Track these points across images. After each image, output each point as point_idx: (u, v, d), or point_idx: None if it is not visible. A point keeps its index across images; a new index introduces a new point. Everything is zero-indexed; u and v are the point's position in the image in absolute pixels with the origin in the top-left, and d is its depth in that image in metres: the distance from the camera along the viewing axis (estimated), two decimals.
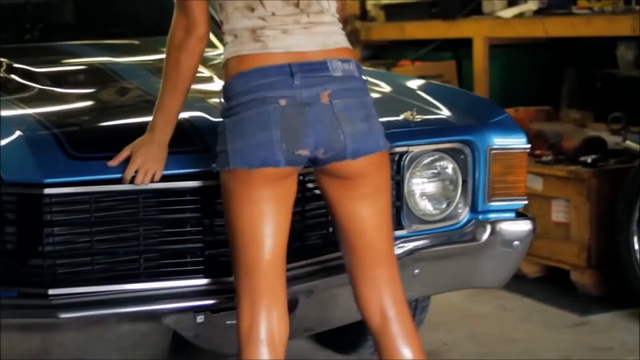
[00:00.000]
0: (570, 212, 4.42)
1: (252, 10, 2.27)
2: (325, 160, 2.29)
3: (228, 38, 2.31)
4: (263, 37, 2.26)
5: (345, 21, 7.56)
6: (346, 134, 2.26)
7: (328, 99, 2.25)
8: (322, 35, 2.30)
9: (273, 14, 2.27)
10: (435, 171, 2.90)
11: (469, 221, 2.93)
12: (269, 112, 2.22)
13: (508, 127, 2.94)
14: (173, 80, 2.38)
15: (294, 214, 2.46)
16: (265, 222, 2.29)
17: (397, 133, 2.73)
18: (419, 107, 2.94)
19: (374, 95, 2.35)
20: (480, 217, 2.94)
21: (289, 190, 2.33)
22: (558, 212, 4.45)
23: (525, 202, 2.98)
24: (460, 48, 5.90)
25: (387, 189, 2.41)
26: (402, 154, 2.82)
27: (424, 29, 5.98)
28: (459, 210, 2.93)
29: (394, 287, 2.43)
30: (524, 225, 2.96)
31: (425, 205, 2.89)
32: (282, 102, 2.23)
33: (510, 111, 3.52)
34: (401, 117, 2.85)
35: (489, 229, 2.92)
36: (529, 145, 2.97)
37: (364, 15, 6.58)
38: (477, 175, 2.91)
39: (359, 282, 2.43)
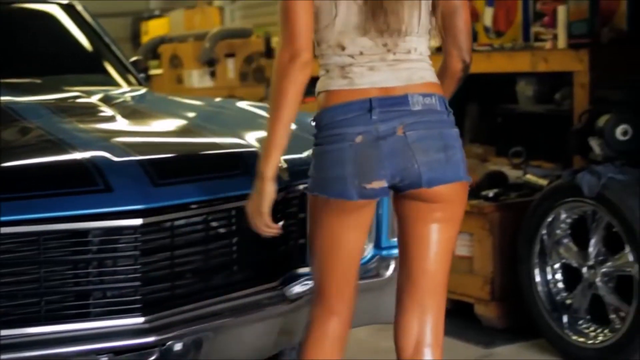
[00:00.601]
0: (473, 245, 4.48)
1: (343, 48, 2.38)
2: (403, 188, 2.37)
3: (321, 72, 2.44)
4: (350, 74, 2.37)
5: (250, 59, 7.61)
6: (420, 163, 2.34)
7: (402, 131, 2.34)
8: (407, 71, 2.39)
9: (361, 53, 2.38)
10: None
11: (372, 257, 2.96)
12: (344, 150, 2.34)
13: None
14: (277, 109, 2.38)
15: (199, 253, 2.42)
16: (341, 240, 2.44)
17: (302, 171, 2.74)
18: None
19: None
20: (384, 253, 2.97)
21: (365, 218, 2.44)
22: (461, 246, 4.50)
23: None
24: None
25: (459, 222, 2.48)
26: (305, 192, 2.82)
27: None
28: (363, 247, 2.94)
29: (438, 320, 2.50)
30: None
31: None
32: (358, 139, 2.33)
33: None
34: (304, 154, 2.86)
35: (392, 264, 2.95)
36: None
37: (269, 52, 6.60)
38: (380, 211, 2.94)
39: (406, 307, 2.50)
